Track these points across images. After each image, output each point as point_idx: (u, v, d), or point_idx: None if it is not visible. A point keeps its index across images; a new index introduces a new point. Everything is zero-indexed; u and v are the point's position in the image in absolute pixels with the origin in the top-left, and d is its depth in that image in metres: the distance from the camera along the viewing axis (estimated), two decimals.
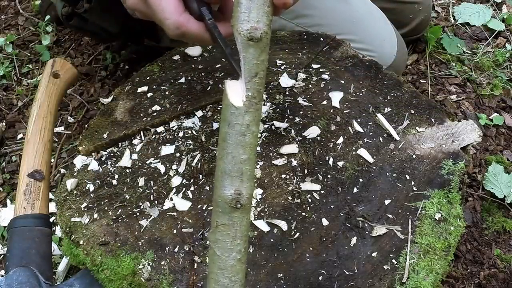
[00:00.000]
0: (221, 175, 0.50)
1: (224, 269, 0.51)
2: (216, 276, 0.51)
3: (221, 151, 0.50)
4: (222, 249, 0.51)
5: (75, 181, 0.84)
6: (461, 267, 1.16)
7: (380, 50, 1.16)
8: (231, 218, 0.51)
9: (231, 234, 0.51)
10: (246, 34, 0.51)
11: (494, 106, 1.48)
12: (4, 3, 1.84)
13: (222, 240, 0.51)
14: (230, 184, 0.50)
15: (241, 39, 0.51)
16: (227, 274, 0.51)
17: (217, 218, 0.51)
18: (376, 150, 0.81)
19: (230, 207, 0.50)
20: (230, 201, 0.50)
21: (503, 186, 1.24)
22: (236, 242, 0.52)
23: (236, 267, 0.52)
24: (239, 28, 0.50)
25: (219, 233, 0.51)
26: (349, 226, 0.74)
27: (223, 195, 0.50)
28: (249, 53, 0.51)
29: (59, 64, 1.08)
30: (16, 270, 0.81)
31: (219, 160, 0.50)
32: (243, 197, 0.50)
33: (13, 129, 1.50)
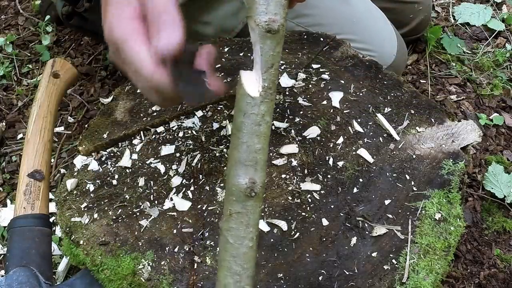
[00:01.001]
0: (235, 164, 0.51)
1: (237, 257, 0.52)
2: (229, 263, 0.52)
3: (235, 141, 0.51)
4: (235, 237, 0.51)
5: (75, 181, 0.84)
6: (461, 267, 1.16)
7: (380, 50, 1.16)
8: (245, 206, 0.51)
9: (244, 222, 0.52)
10: (264, 25, 0.51)
11: (494, 106, 1.48)
12: (4, 3, 1.84)
13: (236, 228, 0.52)
14: (245, 173, 0.51)
15: (259, 30, 0.51)
16: (240, 262, 0.52)
17: (231, 207, 0.51)
18: (376, 150, 0.81)
19: (244, 196, 0.51)
20: (244, 190, 0.51)
21: (503, 186, 1.24)
22: (249, 230, 0.52)
23: (248, 255, 0.53)
24: (257, 19, 0.51)
25: (232, 221, 0.51)
26: (349, 226, 0.74)
27: (238, 183, 0.51)
28: (266, 45, 0.52)
29: (59, 64, 1.08)
30: (16, 270, 0.81)
31: (233, 149, 0.51)
32: (257, 185, 0.51)
33: (13, 129, 1.50)
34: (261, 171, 0.52)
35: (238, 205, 0.51)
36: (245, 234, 0.52)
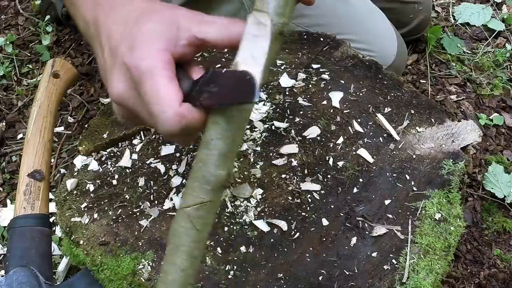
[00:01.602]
0: (219, 155, 0.51)
1: (199, 242, 0.53)
2: (190, 249, 0.52)
3: (223, 132, 0.51)
4: (202, 225, 0.52)
5: (75, 181, 0.84)
6: (461, 267, 1.16)
7: (380, 50, 1.16)
8: (217, 195, 0.52)
9: (213, 211, 0.53)
10: (280, 27, 0.51)
11: (494, 106, 1.48)
12: (4, 3, 1.84)
13: (205, 216, 0.52)
14: (225, 165, 0.51)
15: (274, 30, 0.51)
16: (200, 246, 0.53)
17: (203, 195, 0.52)
18: (376, 150, 0.81)
19: (221, 186, 0.52)
20: (222, 181, 0.51)
21: (503, 186, 1.24)
22: (214, 217, 0.53)
23: (206, 239, 0.54)
24: (274, 18, 0.51)
25: (204, 210, 0.52)
26: (349, 226, 0.74)
27: (218, 174, 0.51)
28: (274, 46, 0.52)
29: (59, 64, 1.08)
30: (16, 270, 0.81)
31: (219, 140, 0.51)
32: (231, 176, 0.52)
33: (13, 129, 1.50)
34: (233, 162, 0.54)
35: (211, 194, 0.52)
36: (210, 221, 0.53)
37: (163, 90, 0.50)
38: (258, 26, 0.51)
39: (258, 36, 0.51)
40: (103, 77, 0.57)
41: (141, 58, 0.51)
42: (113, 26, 0.55)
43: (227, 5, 1.08)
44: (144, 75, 0.51)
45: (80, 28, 0.60)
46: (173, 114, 0.50)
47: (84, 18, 0.58)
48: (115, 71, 0.53)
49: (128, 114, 0.57)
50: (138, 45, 0.52)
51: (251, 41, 0.51)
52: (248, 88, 0.48)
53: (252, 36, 0.51)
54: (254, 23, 0.51)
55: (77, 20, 0.61)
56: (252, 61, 0.51)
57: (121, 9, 0.56)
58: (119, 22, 0.55)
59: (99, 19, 0.56)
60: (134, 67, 0.51)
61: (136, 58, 0.51)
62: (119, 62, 0.52)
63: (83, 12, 0.58)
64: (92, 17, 0.57)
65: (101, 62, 0.56)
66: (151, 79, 0.51)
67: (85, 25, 0.58)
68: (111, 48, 0.54)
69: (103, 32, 0.55)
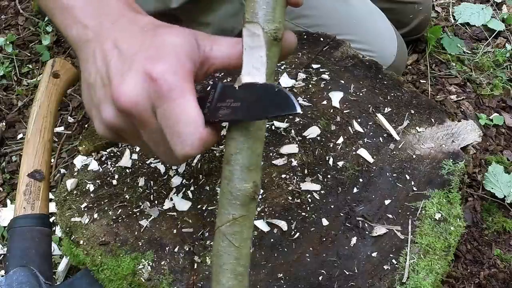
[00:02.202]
0: (241, 169, 0.51)
1: (240, 258, 0.53)
2: (233, 266, 0.52)
3: (240, 145, 0.51)
4: (240, 240, 0.52)
5: (75, 181, 0.84)
6: (461, 267, 1.16)
7: (380, 50, 1.17)
8: (248, 209, 0.52)
9: (247, 225, 0.53)
10: (272, 33, 0.51)
11: (494, 106, 1.48)
12: (4, 3, 1.84)
13: (240, 231, 0.52)
14: (250, 177, 0.51)
15: (267, 38, 0.51)
16: (242, 263, 0.53)
17: (234, 211, 0.52)
18: (376, 150, 0.81)
19: (249, 199, 0.52)
20: (250, 194, 0.51)
21: (503, 186, 1.24)
22: (250, 230, 0.53)
23: (248, 254, 0.54)
24: (265, 26, 0.51)
25: (237, 225, 0.52)
26: (349, 226, 0.74)
27: (244, 188, 0.51)
28: (272, 52, 0.52)
29: (59, 64, 1.08)
30: (16, 270, 0.81)
31: (238, 154, 0.51)
32: (258, 188, 0.52)
33: (13, 129, 1.50)
34: (259, 173, 0.53)
35: (242, 209, 0.52)
36: (247, 236, 0.53)
37: (194, 112, 0.48)
38: (252, 37, 0.51)
39: (254, 47, 0.51)
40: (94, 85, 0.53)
41: (170, 70, 0.49)
42: (123, 33, 0.53)
43: (227, 5, 1.08)
44: (174, 91, 0.48)
45: (73, 33, 0.56)
46: (199, 137, 0.48)
47: (82, 23, 0.56)
48: (130, 77, 0.49)
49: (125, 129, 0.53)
50: (165, 55, 0.49)
51: (249, 53, 0.51)
52: (282, 100, 0.47)
53: (249, 48, 0.51)
54: (248, 35, 0.51)
55: (69, 24, 0.57)
56: (256, 72, 0.51)
57: (132, 20, 0.54)
58: (134, 31, 0.53)
59: (103, 25, 0.54)
60: (161, 78, 0.48)
61: (164, 69, 0.48)
62: (136, 68, 0.49)
63: (81, 17, 0.56)
64: (94, 23, 0.55)
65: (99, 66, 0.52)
66: (182, 98, 0.48)
67: (83, 30, 0.55)
68: (124, 54, 0.51)
69: (109, 37, 0.53)
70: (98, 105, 0.53)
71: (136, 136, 0.54)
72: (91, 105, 0.55)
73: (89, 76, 0.54)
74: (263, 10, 0.51)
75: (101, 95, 0.52)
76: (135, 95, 0.49)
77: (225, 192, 0.52)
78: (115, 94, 0.50)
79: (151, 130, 0.51)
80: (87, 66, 0.54)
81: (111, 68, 0.51)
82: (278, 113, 0.48)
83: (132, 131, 0.53)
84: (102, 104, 0.52)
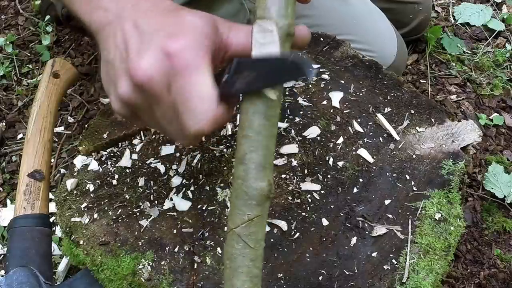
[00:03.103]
0: (256, 168, 0.50)
1: (255, 260, 0.52)
2: (248, 268, 0.52)
3: (254, 144, 0.50)
4: (254, 241, 0.51)
5: (75, 181, 0.84)
6: (461, 267, 1.16)
7: (380, 50, 1.17)
8: (264, 208, 0.52)
9: (263, 224, 0.52)
10: (286, 28, 0.51)
11: (494, 106, 1.48)
12: (4, 3, 1.84)
13: (256, 231, 0.51)
14: (265, 175, 0.51)
15: (281, 33, 0.51)
16: (258, 264, 0.52)
17: (250, 211, 0.51)
18: (376, 150, 0.81)
19: (265, 198, 0.51)
20: (266, 192, 0.51)
21: (503, 186, 1.24)
22: (265, 231, 0.53)
23: (262, 255, 0.53)
24: (279, 22, 0.51)
25: (253, 226, 0.51)
26: (349, 226, 0.74)
27: (260, 187, 0.50)
28: (285, 48, 0.52)
29: (59, 64, 1.08)
30: (16, 270, 0.81)
31: (252, 153, 0.50)
32: (272, 186, 0.52)
33: (13, 129, 1.50)
34: (272, 172, 0.53)
35: (258, 209, 0.51)
36: (262, 236, 0.52)
37: (209, 88, 0.49)
38: (264, 33, 0.51)
39: (264, 44, 0.51)
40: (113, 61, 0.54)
41: (188, 47, 0.49)
42: (144, 14, 0.53)
43: (228, 5, 1.08)
44: (190, 66, 0.49)
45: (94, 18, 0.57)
46: (212, 113, 0.49)
47: (103, 7, 0.56)
48: (148, 53, 0.50)
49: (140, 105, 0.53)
50: (184, 33, 0.50)
51: (259, 49, 0.51)
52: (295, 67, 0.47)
53: (259, 44, 0.51)
54: (259, 31, 0.51)
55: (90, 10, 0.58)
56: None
57: (153, 2, 0.55)
58: (154, 12, 0.54)
59: (124, 7, 0.54)
60: (179, 54, 0.49)
61: (181, 45, 0.49)
62: (155, 45, 0.50)
63: (102, 1, 0.56)
64: (115, 6, 0.55)
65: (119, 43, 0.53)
66: (198, 74, 0.49)
67: (103, 13, 0.56)
68: (143, 32, 0.51)
69: (130, 17, 0.53)
70: (115, 81, 0.53)
71: (150, 113, 0.54)
72: (109, 82, 0.55)
73: (108, 53, 0.54)
74: (276, 6, 0.51)
75: (119, 70, 0.53)
76: (151, 70, 0.49)
77: (239, 193, 0.51)
78: (132, 69, 0.50)
79: (165, 107, 0.52)
80: (107, 44, 0.55)
81: (130, 45, 0.51)
82: (291, 78, 0.49)
83: (146, 108, 0.54)
84: (119, 80, 0.53)
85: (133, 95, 0.53)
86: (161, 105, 0.52)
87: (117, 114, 0.58)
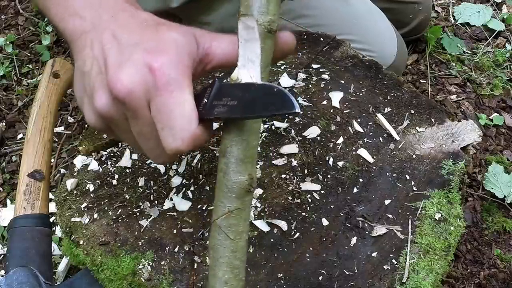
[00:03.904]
0: (236, 162, 0.51)
1: (237, 252, 0.53)
2: (229, 259, 0.53)
3: (235, 138, 0.51)
4: (235, 233, 0.52)
5: (75, 181, 0.84)
6: (461, 267, 1.16)
7: (380, 50, 1.17)
8: (243, 201, 0.52)
9: (243, 217, 0.53)
10: (266, 25, 0.51)
11: (494, 106, 1.48)
12: (4, 3, 1.84)
13: (236, 224, 0.52)
14: (245, 169, 0.52)
15: (261, 30, 0.51)
16: (239, 256, 0.53)
17: (230, 204, 0.52)
18: (376, 150, 0.81)
19: (245, 192, 0.52)
20: (246, 186, 0.52)
21: (503, 186, 1.24)
22: (246, 223, 0.54)
23: (245, 247, 0.54)
24: (259, 19, 0.51)
25: (232, 218, 0.52)
26: (349, 226, 0.74)
27: (239, 181, 0.51)
28: (267, 44, 0.52)
29: (59, 64, 1.08)
30: (16, 270, 0.81)
31: (233, 147, 0.51)
32: (254, 180, 0.52)
33: (13, 129, 1.50)
34: (254, 166, 0.53)
35: (237, 202, 0.52)
36: (243, 228, 0.53)
37: (189, 107, 0.48)
38: (247, 30, 0.52)
39: (249, 40, 0.52)
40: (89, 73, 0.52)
41: (170, 63, 0.49)
42: (123, 26, 0.52)
43: (228, 5, 1.08)
44: (172, 84, 0.48)
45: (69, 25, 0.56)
46: (191, 133, 0.48)
47: (80, 15, 0.55)
48: (128, 66, 0.49)
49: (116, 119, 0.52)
50: (165, 49, 0.50)
51: (244, 46, 0.52)
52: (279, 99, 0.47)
53: (244, 41, 0.52)
54: (243, 28, 0.52)
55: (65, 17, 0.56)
56: (251, 65, 0.51)
57: (132, 14, 0.54)
58: (133, 24, 0.53)
59: (102, 17, 0.54)
60: (161, 70, 0.48)
61: (164, 62, 0.49)
62: (135, 59, 0.49)
63: (78, 9, 0.55)
64: (93, 15, 0.54)
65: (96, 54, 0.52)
66: (179, 91, 0.48)
67: (80, 21, 0.55)
68: (122, 44, 0.50)
69: (108, 28, 0.52)
70: (91, 93, 0.52)
71: (127, 128, 0.53)
72: (83, 94, 0.54)
73: (83, 64, 0.53)
74: (257, 3, 0.52)
75: (96, 82, 0.51)
76: (132, 83, 0.48)
77: (220, 185, 0.52)
78: (111, 81, 0.49)
79: (143, 123, 0.51)
80: (82, 54, 0.53)
81: (109, 57, 0.50)
82: (275, 112, 0.48)
83: (123, 122, 0.53)
84: (96, 92, 0.51)
85: (110, 109, 0.51)
86: (139, 120, 0.51)
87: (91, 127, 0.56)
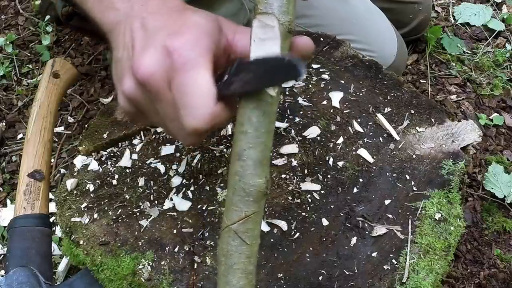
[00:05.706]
0: (254, 164, 0.50)
1: (251, 257, 0.52)
2: (244, 265, 0.52)
3: (253, 140, 0.50)
4: (251, 238, 0.51)
5: (75, 181, 0.84)
6: (461, 267, 1.16)
7: (380, 50, 1.17)
8: (260, 205, 0.52)
9: (259, 221, 0.52)
10: (287, 25, 0.51)
11: (494, 106, 1.48)
12: (4, 3, 1.84)
13: (253, 228, 0.51)
14: (262, 172, 0.51)
15: (282, 29, 0.51)
16: (253, 261, 0.52)
17: (247, 208, 0.51)
18: (376, 150, 0.81)
19: (262, 194, 0.51)
20: (263, 189, 0.51)
21: (503, 186, 1.25)
22: (260, 227, 0.53)
23: (257, 252, 0.53)
24: (281, 18, 0.51)
25: (250, 222, 0.51)
26: (349, 226, 0.74)
27: (257, 184, 0.50)
28: (285, 44, 0.52)
29: (59, 64, 1.08)
30: (16, 270, 0.81)
31: (251, 149, 0.50)
32: (269, 182, 0.52)
33: (13, 129, 1.50)
34: (269, 168, 0.52)
35: (255, 205, 0.51)
36: (258, 233, 0.52)
37: (206, 85, 0.49)
38: (265, 29, 0.51)
39: (266, 39, 0.51)
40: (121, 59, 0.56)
41: (188, 44, 0.50)
42: (151, 13, 0.55)
43: (228, 4, 1.08)
44: (189, 63, 0.49)
45: (107, 18, 0.59)
46: (209, 111, 0.49)
47: (115, 7, 0.59)
48: (149, 50, 0.51)
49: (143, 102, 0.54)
50: (185, 31, 0.51)
51: (259, 45, 0.51)
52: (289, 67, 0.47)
53: (260, 40, 0.51)
54: (260, 26, 0.51)
55: (103, 10, 0.60)
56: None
57: (161, 2, 0.57)
58: (162, 11, 0.55)
59: (133, 7, 0.57)
60: (178, 51, 0.50)
61: (181, 43, 0.50)
62: (157, 43, 0.51)
63: (114, 2, 0.59)
64: (125, 6, 0.58)
65: (127, 42, 0.55)
66: (196, 70, 0.49)
67: (115, 13, 0.58)
68: (148, 30, 0.53)
69: (138, 17, 0.55)
70: (121, 78, 0.55)
71: (153, 110, 0.55)
72: (117, 79, 0.58)
73: (117, 52, 0.57)
74: (277, 2, 0.51)
75: (125, 68, 0.55)
76: (152, 67, 0.51)
77: (236, 189, 0.51)
78: (135, 66, 0.52)
79: (166, 104, 0.52)
80: (117, 43, 0.57)
81: (135, 43, 0.53)
82: (287, 79, 0.49)
83: (149, 104, 0.55)
84: (124, 77, 0.54)
85: (135, 92, 0.54)
86: (162, 102, 0.52)
87: (123, 112, 0.59)
